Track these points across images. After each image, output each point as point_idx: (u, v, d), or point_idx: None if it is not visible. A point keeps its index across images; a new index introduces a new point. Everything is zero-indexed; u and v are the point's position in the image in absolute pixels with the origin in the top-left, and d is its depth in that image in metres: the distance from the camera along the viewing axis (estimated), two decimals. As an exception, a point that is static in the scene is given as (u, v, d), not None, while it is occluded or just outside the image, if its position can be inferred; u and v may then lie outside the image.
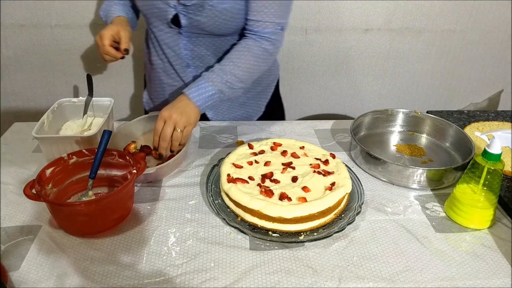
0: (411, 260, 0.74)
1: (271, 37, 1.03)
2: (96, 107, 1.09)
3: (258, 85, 1.23)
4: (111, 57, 1.05)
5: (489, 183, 0.78)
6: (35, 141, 1.02)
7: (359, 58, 1.74)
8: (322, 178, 0.85)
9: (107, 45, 1.02)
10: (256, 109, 1.28)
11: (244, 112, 1.26)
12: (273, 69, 1.27)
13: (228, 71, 1.00)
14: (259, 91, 1.26)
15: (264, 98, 1.29)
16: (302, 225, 0.77)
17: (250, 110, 1.27)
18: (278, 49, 1.08)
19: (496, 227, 0.83)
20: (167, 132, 0.93)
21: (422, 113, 1.14)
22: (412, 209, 0.87)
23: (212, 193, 0.87)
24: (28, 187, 0.76)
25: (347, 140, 1.13)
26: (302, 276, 0.70)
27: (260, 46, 1.03)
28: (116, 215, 0.80)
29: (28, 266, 0.71)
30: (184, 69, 1.15)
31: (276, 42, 1.05)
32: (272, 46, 1.05)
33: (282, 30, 1.05)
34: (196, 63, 1.13)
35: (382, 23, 1.66)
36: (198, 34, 1.07)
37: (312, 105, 1.87)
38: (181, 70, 1.15)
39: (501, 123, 1.20)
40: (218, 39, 1.09)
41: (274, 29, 1.02)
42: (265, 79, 1.25)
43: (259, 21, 1.01)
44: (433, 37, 1.71)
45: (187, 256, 0.74)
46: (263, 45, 1.03)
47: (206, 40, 1.09)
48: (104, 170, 0.89)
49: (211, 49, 1.10)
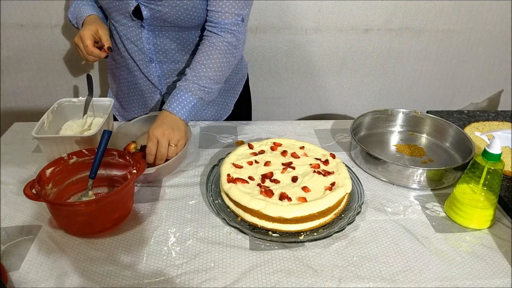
0: (411, 260, 0.74)
1: (232, 28, 1.02)
2: (96, 107, 1.09)
3: (225, 84, 1.22)
4: (95, 57, 1.04)
5: (489, 183, 0.78)
6: (35, 141, 1.02)
7: (359, 58, 1.74)
8: (322, 178, 0.85)
9: (90, 45, 1.01)
10: (224, 108, 1.28)
11: (213, 110, 1.25)
12: (240, 67, 1.27)
13: (202, 76, 1.00)
14: (226, 90, 1.25)
15: (233, 97, 1.29)
16: (302, 225, 0.77)
17: (219, 108, 1.26)
18: (242, 42, 1.07)
19: (496, 227, 0.83)
20: (163, 152, 0.92)
21: (422, 113, 1.14)
22: (412, 209, 0.87)
23: (212, 193, 0.87)
24: (28, 187, 0.76)
25: (347, 140, 1.13)
26: (302, 276, 0.70)
27: (224, 41, 1.02)
28: (116, 215, 0.80)
29: (28, 266, 0.71)
30: (148, 64, 1.13)
31: (238, 34, 1.04)
32: (234, 39, 1.04)
33: (243, 21, 1.04)
34: (160, 57, 1.12)
35: (382, 23, 1.66)
36: (161, 27, 1.06)
37: (312, 105, 1.87)
38: (144, 65, 1.14)
39: (501, 123, 1.20)
40: (182, 33, 1.08)
41: (234, 20, 1.02)
42: (232, 77, 1.25)
43: (218, 12, 1.01)
44: (433, 37, 1.71)
45: (187, 256, 0.74)
46: (226, 38, 1.02)
47: (169, 33, 1.07)
48: (104, 170, 0.89)
49: (175, 42, 1.09)
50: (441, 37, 1.72)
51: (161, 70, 1.14)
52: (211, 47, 1.02)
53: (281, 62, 1.72)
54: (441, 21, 1.67)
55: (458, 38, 1.73)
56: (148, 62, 1.13)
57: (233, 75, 1.25)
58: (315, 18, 1.62)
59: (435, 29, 1.69)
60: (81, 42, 1.02)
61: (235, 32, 1.03)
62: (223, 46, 1.02)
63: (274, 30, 1.63)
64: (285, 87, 1.79)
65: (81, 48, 1.03)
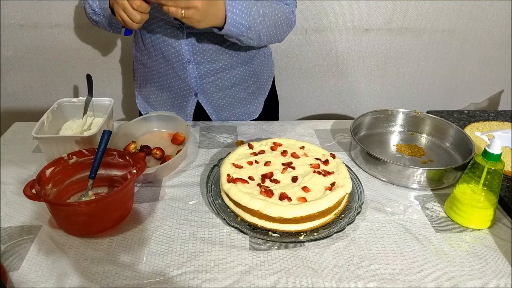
0: (411, 260, 0.74)
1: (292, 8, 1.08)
2: (96, 107, 1.09)
3: (256, 81, 1.24)
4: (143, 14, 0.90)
5: (489, 183, 0.78)
6: (35, 141, 1.02)
7: (359, 58, 1.74)
8: (322, 178, 0.85)
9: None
10: (256, 105, 1.28)
11: (245, 109, 1.26)
12: (269, 64, 1.28)
13: (263, 14, 0.99)
14: (258, 87, 1.26)
15: (263, 94, 1.29)
16: (302, 225, 0.77)
17: (251, 107, 1.27)
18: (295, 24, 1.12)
19: (496, 227, 0.83)
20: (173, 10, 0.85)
21: (422, 113, 1.14)
22: (412, 209, 0.87)
23: (212, 193, 0.87)
24: (28, 187, 0.76)
25: (347, 140, 1.13)
26: (302, 276, 0.70)
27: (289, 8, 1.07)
28: (116, 215, 0.80)
29: (28, 266, 0.71)
30: (185, 66, 1.12)
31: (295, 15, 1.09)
32: (293, 15, 1.08)
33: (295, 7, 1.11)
34: (197, 58, 1.11)
35: (382, 23, 1.66)
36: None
37: (312, 105, 1.87)
38: (181, 67, 1.13)
39: (501, 123, 1.20)
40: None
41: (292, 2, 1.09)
42: (263, 74, 1.25)
43: None
44: (433, 37, 1.71)
45: (187, 256, 0.74)
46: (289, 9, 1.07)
47: (208, 33, 1.06)
48: (104, 170, 0.89)
49: (213, 42, 1.09)
50: (441, 37, 1.72)
51: (198, 71, 1.13)
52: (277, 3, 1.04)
53: (281, 62, 1.72)
54: (441, 21, 1.67)
55: (458, 38, 1.73)
56: (186, 63, 1.11)
57: (263, 71, 1.25)
58: (315, 18, 1.62)
59: (435, 29, 1.69)
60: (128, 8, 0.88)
61: (294, 11, 1.09)
62: (287, 9, 1.06)
63: (274, 30, 1.63)
64: (285, 87, 1.80)
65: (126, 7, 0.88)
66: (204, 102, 1.20)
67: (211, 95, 1.19)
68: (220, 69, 1.14)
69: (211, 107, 1.21)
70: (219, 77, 1.16)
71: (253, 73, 1.21)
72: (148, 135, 1.09)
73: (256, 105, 1.28)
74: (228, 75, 1.16)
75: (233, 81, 1.18)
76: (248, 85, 1.22)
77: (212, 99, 1.19)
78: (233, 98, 1.21)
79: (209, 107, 1.21)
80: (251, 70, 1.20)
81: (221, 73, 1.15)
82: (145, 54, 1.17)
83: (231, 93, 1.20)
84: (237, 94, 1.21)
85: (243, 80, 1.20)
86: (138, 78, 1.26)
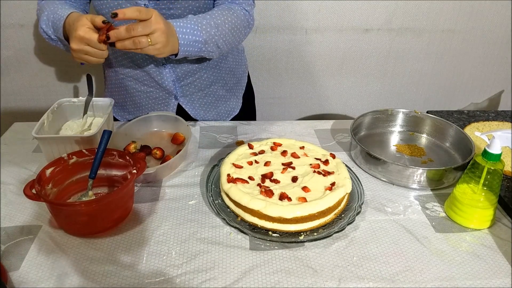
0: (411, 260, 0.74)
1: (246, 8, 1.06)
2: (96, 107, 1.09)
3: (233, 77, 1.25)
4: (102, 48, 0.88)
5: (489, 183, 0.78)
6: (35, 141, 1.02)
7: (359, 58, 1.74)
8: (322, 178, 0.85)
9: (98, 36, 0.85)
10: (235, 101, 1.29)
11: (226, 106, 1.26)
12: (243, 59, 1.29)
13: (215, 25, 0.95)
14: (235, 83, 1.27)
15: (241, 89, 1.31)
16: (302, 225, 0.77)
17: (230, 103, 1.27)
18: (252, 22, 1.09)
19: (496, 227, 0.83)
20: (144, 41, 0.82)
21: (422, 113, 1.14)
22: (412, 209, 0.87)
23: (212, 193, 0.87)
24: (28, 187, 0.76)
25: (347, 140, 1.13)
26: (302, 276, 0.70)
27: (243, 9, 1.05)
28: (116, 215, 0.80)
29: (28, 266, 0.71)
30: (161, 70, 1.10)
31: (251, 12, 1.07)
32: (249, 15, 1.06)
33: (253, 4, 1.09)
34: (173, 62, 1.10)
35: (382, 23, 1.66)
36: None
37: (312, 105, 1.87)
38: (157, 72, 1.10)
39: (501, 123, 1.20)
40: None
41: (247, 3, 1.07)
42: (238, 69, 1.26)
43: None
44: (433, 37, 1.71)
45: (187, 256, 0.74)
46: (243, 9, 1.05)
47: None
48: (104, 170, 0.89)
49: None
50: (441, 37, 1.72)
51: (175, 74, 1.12)
52: (229, 8, 1.02)
53: (281, 62, 1.72)
54: (441, 21, 1.67)
55: (458, 38, 1.73)
56: (161, 67, 1.10)
57: (238, 67, 1.26)
58: (315, 18, 1.62)
59: (435, 29, 1.69)
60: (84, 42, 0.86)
61: (249, 11, 1.07)
62: (241, 13, 1.04)
63: (274, 30, 1.64)
64: (285, 87, 1.80)
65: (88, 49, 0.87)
66: (185, 104, 1.19)
67: (191, 96, 1.18)
68: (197, 69, 1.14)
69: (192, 108, 1.20)
70: (197, 77, 1.15)
71: (229, 69, 1.22)
72: (148, 135, 1.09)
73: (236, 101, 1.29)
74: (206, 74, 1.16)
75: (211, 80, 1.19)
76: (226, 82, 1.22)
77: (193, 100, 1.19)
78: (213, 97, 1.22)
79: (190, 108, 1.20)
80: (227, 67, 1.21)
81: (198, 73, 1.15)
82: (119, 61, 1.14)
83: (211, 92, 1.21)
84: (216, 92, 1.21)
85: (220, 77, 1.20)
86: (110, 85, 1.23)
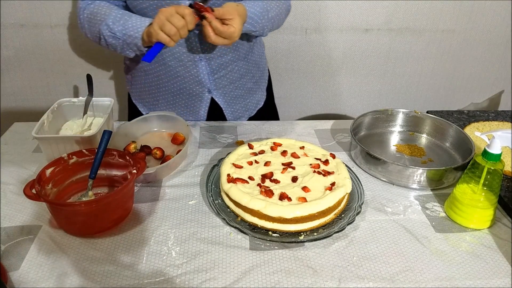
0: (411, 260, 0.74)
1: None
2: (96, 107, 1.09)
3: (258, 70, 1.29)
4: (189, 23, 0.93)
5: (489, 183, 0.78)
6: (35, 141, 1.02)
7: (359, 58, 1.74)
8: (322, 178, 0.85)
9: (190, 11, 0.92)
10: (261, 93, 1.33)
11: (253, 98, 1.30)
12: (264, 52, 1.33)
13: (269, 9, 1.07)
14: (260, 75, 1.31)
15: (264, 82, 1.34)
16: (302, 225, 0.77)
17: (256, 95, 1.31)
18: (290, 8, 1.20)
19: (496, 227, 0.83)
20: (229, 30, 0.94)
21: (422, 113, 1.14)
22: (412, 209, 0.87)
23: (212, 193, 0.87)
24: (28, 187, 0.76)
25: (347, 140, 1.13)
26: (302, 276, 0.70)
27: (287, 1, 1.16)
28: (116, 215, 0.80)
29: (28, 266, 0.71)
30: (196, 64, 1.13)
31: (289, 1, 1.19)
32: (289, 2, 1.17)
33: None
34: (208, 54, 1.12)
35: (382, 23, 1.66)
36: None
37: (312, 105, 1.87)
38: (193, 65, 1.13)
39: (501, 123, 1.20)
40: None
41: None
42: (261, 62, 1.31)
43: None
44: (433, 37, 1.71)
45: (187, 256, 0.74)
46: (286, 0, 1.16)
47: None
48: (104, 170, 0.89)
49: None
50: (441, 37, 1.72)
51: (209, 67, 1.14)
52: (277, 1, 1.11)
53: (281, 62, 1.72)
54: (441, 21, 1.67)
55: (458, 38, 1.73)
56: (197, 61, 1.12)
57: (261, 60, 1.30)
58: (315, 18, 1.62)
59: (435, 29, 1.69)
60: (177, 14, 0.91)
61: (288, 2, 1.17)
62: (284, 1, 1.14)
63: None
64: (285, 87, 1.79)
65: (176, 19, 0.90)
66: (218, 97, 1.21)
67: (224, 89, 1.21)
68: (229, 62, 1.17)
69: (224, 101, 1.23)
70: (229, 70, 1.18)
71: (255, 62, 1.26)
72: (148, 135, 1.09)
73: (261, 93, 1.33)
74: (236, 67, 1.19)
75: (241, 72, 1.22)
76: (253, 74, 1.26)
77: (225, 93, 1.22)
78: (242, 89, 1.25)
79: (223, 101, 1.23)
80: (253, 60, 1.24)
81: (230, 65, 1.18)
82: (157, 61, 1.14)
83: (241, 84, 1.24)
84: (245, 85, 1.25)
85: (248, 70, 1.24)
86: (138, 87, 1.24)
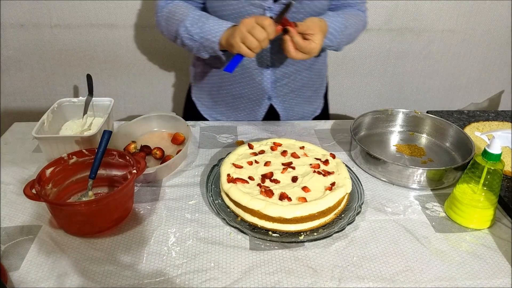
0: (411, 260, 0.74)
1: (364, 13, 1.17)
2: (96, 107, 1.09)
3: (319, 78, 1.27)
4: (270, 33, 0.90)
5: (489, 183, 0.78)
6: (35, 141, 1.02)
7: (359, 58, 1.74)
8: (322, 178, 0.85)
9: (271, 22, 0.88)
10: (319, 102, 1.33)
11: (310, 106, 1.30)
12: (326, 60, 1.30)
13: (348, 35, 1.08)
14: (320, 84, 1.29)
15: (323, 89, 1.33)
16: (302, 225, 0.77)
17: (315, 104, 1.31)
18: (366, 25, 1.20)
19: (496, 227, 0.83)
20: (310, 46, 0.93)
21: (422, 113, 1.14)
22: (412, 209, 0.87)
23: (212, 193, 0.87)
24: (28, 187, 0.76)
25: (347, 140, 1.13)
26: (302, 276, 0.70)
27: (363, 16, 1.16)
28: (116, 215, 0.80)
29: (28, 266, 0.71)
30: (263, 71, 1.13)
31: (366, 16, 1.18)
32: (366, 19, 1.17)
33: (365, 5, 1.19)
34: (275, 62, 1.12)
35: (382, 23, 1.66)
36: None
37: (312, 105, 1.86)
38: (260, 73, 1.13)
39: (501, 123, 1.20)
40: None
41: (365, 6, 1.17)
42: (323, 70, 1.29)
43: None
44: (433, 37, 1.71)
45: (187, 256, 0.74)
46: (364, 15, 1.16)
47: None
48: (104, 170, 0.89)
49: None
50: (441, 37, 1.72)
51: (274, 75, 1.15)
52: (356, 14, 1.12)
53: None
54: (441, 21, 1.67)
55: (458, 38, 1.73)
56: (264, 68, 1.13)
57: (323, 68, 1.29)
58: (315, 18, 1.62)
59: (435, 29, 1.69)
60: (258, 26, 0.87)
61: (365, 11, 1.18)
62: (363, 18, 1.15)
63: (274, 30, 1.63)
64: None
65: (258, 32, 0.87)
66: (277, 104, 1.22)
67: (284, 96, 1.21)
68: (294, 71, 1.17)
69: (283, 108, 1.23)
70: (292, 79, 1.18)
71: (318, 71, 1.25)
72: (148, 135, 1.09)
73: (319, 101, 1.33)
74: (300, 76, 1.19)
75: (303, 82, 1.21)
76: (314, 83, 1.25)
77: (284, 100, 1.22)
78: (302, 98, 1.25)
79: (281, 108, 1.23)
80: (317, 69, 1.24)
81: (294, 74, 1.18)
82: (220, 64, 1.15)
83: (301, 93, 1.23)
84: (305, 93, 1.24)
85: (310, 79, 1.23)
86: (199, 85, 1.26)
